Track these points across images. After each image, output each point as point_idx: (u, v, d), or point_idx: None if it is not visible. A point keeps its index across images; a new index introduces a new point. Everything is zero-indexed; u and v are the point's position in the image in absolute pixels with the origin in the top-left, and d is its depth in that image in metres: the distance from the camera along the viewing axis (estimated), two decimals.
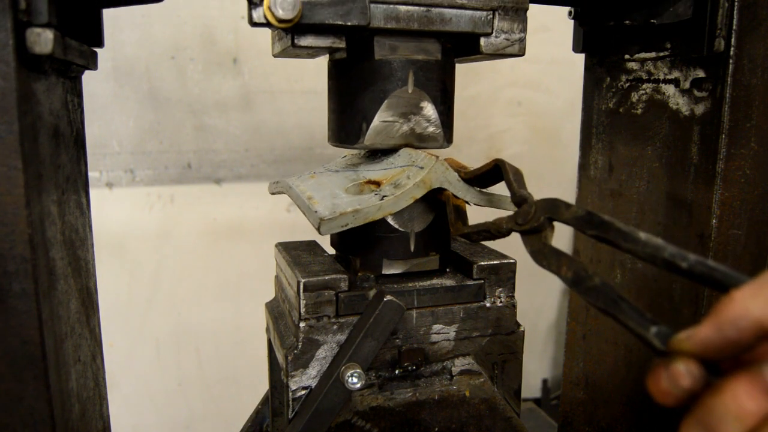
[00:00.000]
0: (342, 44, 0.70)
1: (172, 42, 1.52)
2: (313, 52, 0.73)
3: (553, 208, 0.58)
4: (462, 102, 1.77)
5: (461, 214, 0.72)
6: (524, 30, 0.75)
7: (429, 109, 0.76)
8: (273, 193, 0.86)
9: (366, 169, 0.78)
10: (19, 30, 0.52)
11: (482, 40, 0.74)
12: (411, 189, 0.69)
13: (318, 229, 0.65)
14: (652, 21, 0.85)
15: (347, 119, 0.77)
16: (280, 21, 0.63)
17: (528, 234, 0.59)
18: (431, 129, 0.76)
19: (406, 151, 0.76)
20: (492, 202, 0.73)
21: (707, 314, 0.90)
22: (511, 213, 0.62)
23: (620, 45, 0.97)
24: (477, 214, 0.68)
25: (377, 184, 0.73)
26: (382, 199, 0.68)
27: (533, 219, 0.59)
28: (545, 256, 0.57)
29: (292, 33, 0.68)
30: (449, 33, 0.73)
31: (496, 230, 0.64)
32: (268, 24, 0.64)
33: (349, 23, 0.67)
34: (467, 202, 0.73)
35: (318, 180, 0.78)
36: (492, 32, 0.74)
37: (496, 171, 0.69)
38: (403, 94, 0.74)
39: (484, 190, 0.73)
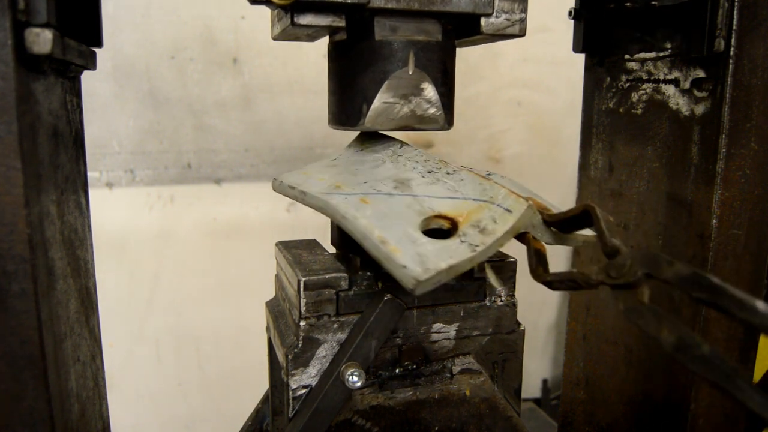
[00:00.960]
0: (342, 23, 0.70)
1: (172, 42, 1.52)
2: (312, 32, 0.73)
3: (653, 264, 0.52)
4: (462, 102, 1.77)
5: (542, 259, 0.66)
6: (525, 10, 0.75)
7: (430, 91, 0.75)
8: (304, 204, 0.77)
9: (425, 194, 0.71)
10: (18, 30, 0.52)
11: (483, 21, 0.74)
12: (501, 238, 0.63)
13: (413, 291, 0.57)
14: (653, 3, 0.84)
15: (348, 101, 0.77)
16: None
17: (620, 289, 0.53)
18: (432, 110, 0.76)
19: (472, 177, 0.71)
20: (562, 239, 0.69)
21: (707, 317, 0.89)
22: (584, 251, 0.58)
23: (620, 45, 0.97)
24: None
25: (449, 219, 0.66)
26: (473, 251, 0.61)
27: (629, 273, 0.53)
28: (641, 316, 0.51)
29: (292, 11, 0.68)
30: (450, 13, 0.73)
31: (584, 281, 0.58)
32: (268, 2, 0.63)
33: (348, 1, 0.67)
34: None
35: (375, 208, 0.68)
36: (492, 12, 0.74)
37: (584, 216, 0.63)
38: (404, 75, 0.74)
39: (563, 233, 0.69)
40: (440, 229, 0.65)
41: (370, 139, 0.85)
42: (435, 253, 0.60)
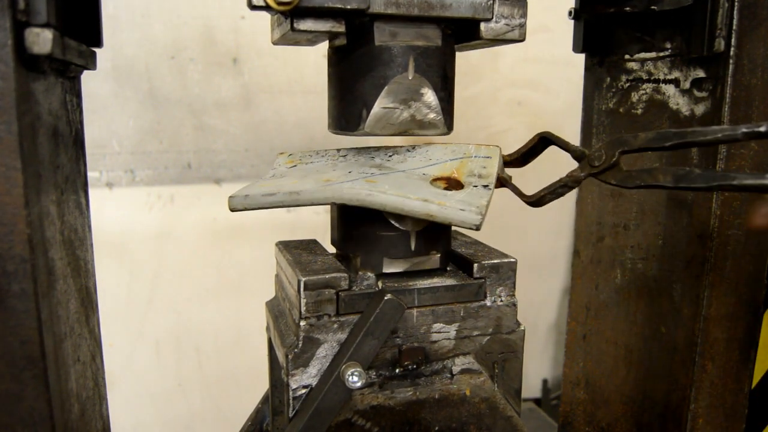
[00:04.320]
0: (342, 28, 0.70)
1: (172, 42, 1.52)
2: (312, 37, 0.73)
3: (623, 143, 0.63)
4: (462, 102, 1.77)
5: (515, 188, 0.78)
6: (524, 15, 0.75)
7: (429, 96, 0.75)
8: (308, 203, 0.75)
9: (409, 168, 0.78)
10: (18, 30, 0.52)
11: (482, 26, 0.74)
12: (495, 175, 0.75)
13: (478, 227, 0.67)
14: (652, 7, 0.84)
15: (347, 106, 0.77)
16: (280, 3, 0.63)
17: (606, 172, 0.65)
18: (432, 115, 0.76)
19: (433, 145, 0.80)
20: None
21: (707, 316, 0.89)
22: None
23: (620, 45, 0.97)
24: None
25: (444, 179, 0.75)
26: (489, 189, 0.72)
27: (608, 156, 0.64)
28: (635, 178, 0.61)
29: (292, 17, 0.68)
30: (449, 18, 0.73)
31: (573, 181, 0.69)
32: (267, 7, 0.64)
33: (348, 6, 0.67)
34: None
35: (387, 183, 0.71)
36: (492, 17, 0.74)
37: (540, 144, 0.76)
38: (404, 81, 0.74)
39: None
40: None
41: (302, 155, 0.87)
42: (469, 198, 0.69)
